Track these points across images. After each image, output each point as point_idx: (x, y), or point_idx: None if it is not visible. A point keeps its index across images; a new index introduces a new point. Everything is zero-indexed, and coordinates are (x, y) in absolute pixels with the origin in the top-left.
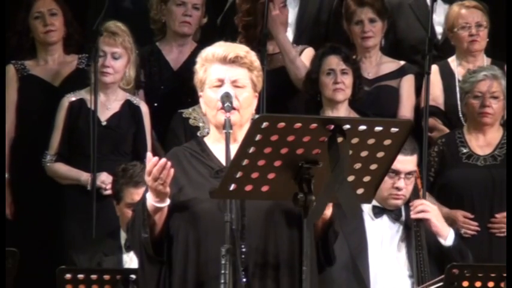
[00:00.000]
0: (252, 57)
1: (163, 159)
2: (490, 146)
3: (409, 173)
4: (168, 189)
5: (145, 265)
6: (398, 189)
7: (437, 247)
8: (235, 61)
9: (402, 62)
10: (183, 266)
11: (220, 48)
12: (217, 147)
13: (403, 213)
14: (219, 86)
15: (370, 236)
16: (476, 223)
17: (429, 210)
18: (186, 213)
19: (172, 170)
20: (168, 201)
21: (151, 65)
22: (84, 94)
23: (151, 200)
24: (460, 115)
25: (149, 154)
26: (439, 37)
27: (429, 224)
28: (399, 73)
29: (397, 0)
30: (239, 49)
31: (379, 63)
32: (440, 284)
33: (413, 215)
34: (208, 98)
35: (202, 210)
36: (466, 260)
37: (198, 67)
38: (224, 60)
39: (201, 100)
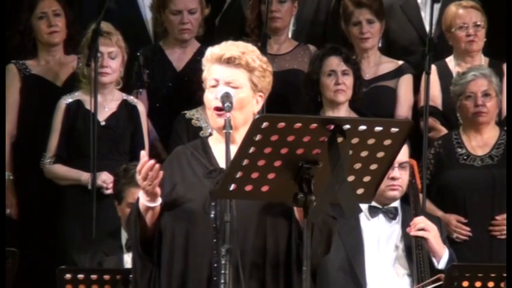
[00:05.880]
0: (249, 58)
1: (152, 161)
2: (487, 146)
3: (402, 163)
4: (157, 190)
5: (137, 263)
6: (394, 179)
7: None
8: (229, 62)
9: (400, 62)
10: (169, 263)
11: (218, 48)
12: (219, 147)
13: (400, 212)
14: (215, 86)
15: (366, 236)
16: (468, 228)
17: (429, 230)
18: (174, 212)
19: (161, 173)
20: (159, 202)
21: (154, 65)
22: (80, 95)
23: (142, 199)
24: (458, 115)
25: (143, 153)
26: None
27: (426, 243)
28: (397, 73)
29: (388, 1)
30: (236, 50)
31: (377, 63)
32: (439, 283)
33: (413, 232)
34: (205, 98)
35: (188, 210)
36: None
37: (203, 66)
38: (220, 60)
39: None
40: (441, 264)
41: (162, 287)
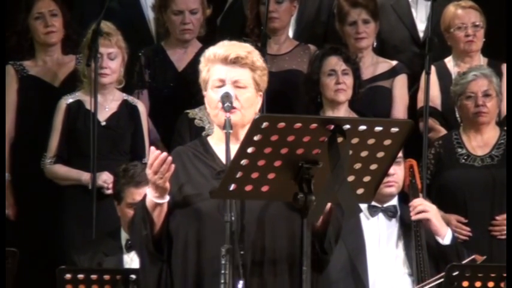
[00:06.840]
0: (254, 57)
1: (165, 153)
2: (487, 146)
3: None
4: (167, 185)
5: (146, 263)
6: (388, 175)
7: (435, 246)
8: (236, 62)
9: (394, 62)
10: (183, 265)
11: (221, 48)
12: (220, 147)
13: (399, 210)
14: (220, 87)
15: (366, 236)
16: (468, 228)
17: (429, 209)
18: (186, 212)
19: (173, 166)
20: (167, 198)
21: (155, 65)
22: (81, 95)
23: (150, 196)
24: (457, 115)
25: (153, 148)
26: (421, 34)
27: (429, 224)
28: (391, 73)
29: (379, 1)
30: (241, 49)
31: (372, 64)
32: (440, 281)
33: (413, 217)
34: (210, 98)
35: (202, 210)
36: (462, 259)
37: (202, 67)
38: (225, 61)
39: (205, 100)
40: (446, 239)
41: (175, 285)
